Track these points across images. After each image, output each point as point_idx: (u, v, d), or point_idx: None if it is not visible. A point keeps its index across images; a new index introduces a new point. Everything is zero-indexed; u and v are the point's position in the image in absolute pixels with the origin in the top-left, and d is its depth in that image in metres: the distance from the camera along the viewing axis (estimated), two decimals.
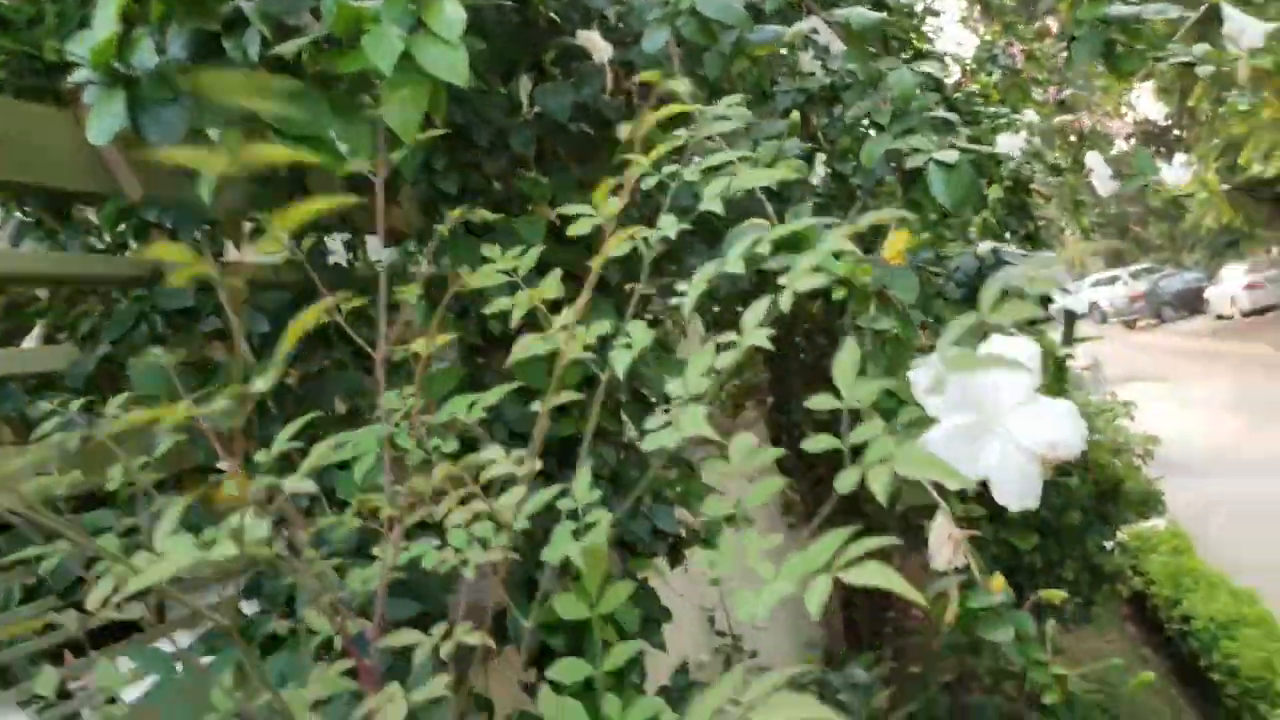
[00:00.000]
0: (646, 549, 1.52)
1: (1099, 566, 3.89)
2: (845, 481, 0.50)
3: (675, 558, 1.66)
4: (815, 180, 1.51)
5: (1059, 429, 0.73)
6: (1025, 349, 0.75)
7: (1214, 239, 27.19)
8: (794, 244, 0.84)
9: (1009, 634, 0.82)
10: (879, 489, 0.48)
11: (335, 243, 1.60)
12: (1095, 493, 3.93)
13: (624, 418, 1.55)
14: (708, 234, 1.31)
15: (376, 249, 1.60)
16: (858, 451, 0.54)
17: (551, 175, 1.39)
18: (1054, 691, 0.85)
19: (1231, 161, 20.27)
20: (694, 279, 0.66)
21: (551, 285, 0.74)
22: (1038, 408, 0.74)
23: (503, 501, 0.67)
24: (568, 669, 0.71)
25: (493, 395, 0.77)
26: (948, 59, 3.74)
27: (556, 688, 0.71)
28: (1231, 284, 22.68)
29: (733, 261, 0.65)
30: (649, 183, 0.72)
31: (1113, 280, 28.50)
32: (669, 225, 0.70)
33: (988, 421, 0.73)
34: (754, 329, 0.59)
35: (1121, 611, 5.65)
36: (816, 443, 0.54)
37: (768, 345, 0.59)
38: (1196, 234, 27.62)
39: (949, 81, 3.47)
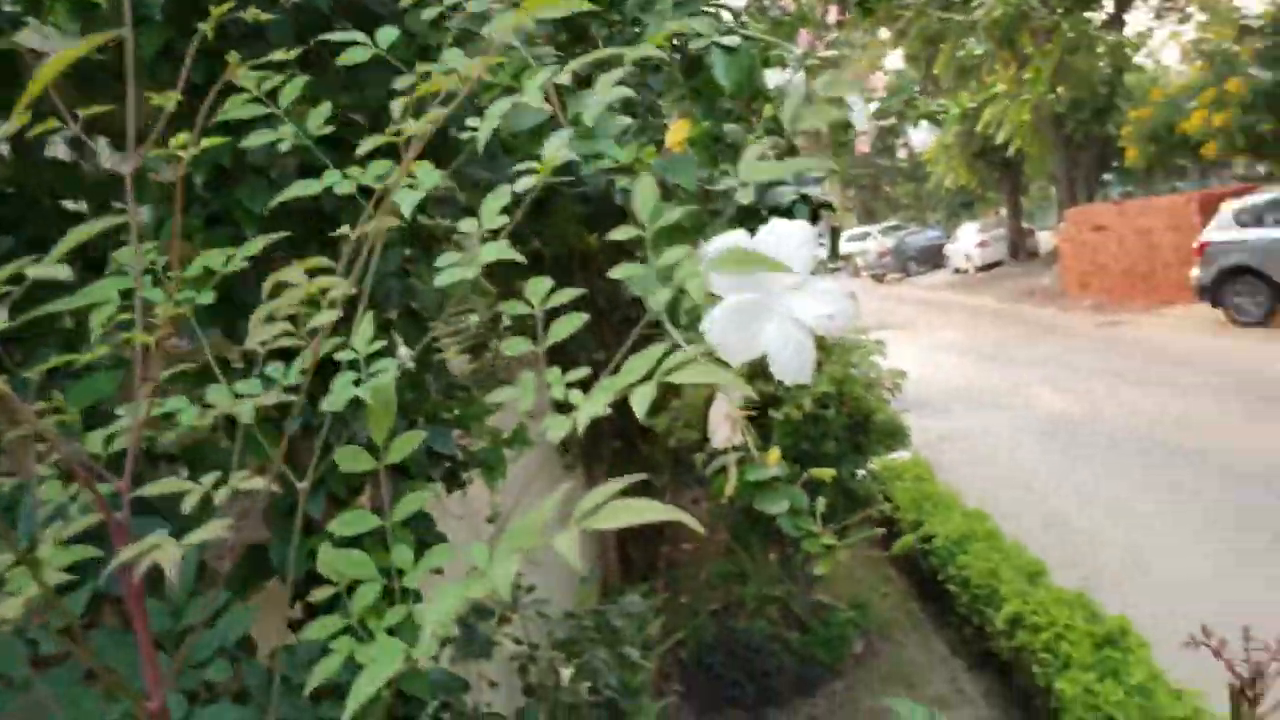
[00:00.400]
0: (422, 472, 1.48)
1: (853, 492, 4.17)
2: (658, 300, 0.50)
3: (453, 482, 1.62)
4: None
5: (832, 304, 0.76)
6: (799, 232, 0.78)
7: (952, 199, 29.61)
8: (586, 134, 0.82)
9: (784, 506, 0.85)
10: (695, 292, 0.49)
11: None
12: (849, 424, 4.20)
13: (396, 336, 1.49)
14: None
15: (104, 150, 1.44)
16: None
17: (314, 73, 1.29)
18: (825, 561, 0.89)
19: (969, 129, 22.10)
20: (486, 114, 0.63)
21: (320, 114, 0.68)
22: (813, 286, 0.77)
23: (277, 368, 0.62)
24: (353, 520, 0.67)
25: (254, 245, 0.70)
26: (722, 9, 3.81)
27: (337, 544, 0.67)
28: (966, 242, 24.79)
29: (531, 93, 0.63)
30: (429, 13, 0.68)
31: (864, 236, 30.45)
32: (454, 57, 0.67)
33: (767, 300, 0.76)
34: (553, 159, 0.57)
35: (870, 537, 6.11)
36: (623, 270, 0.54)
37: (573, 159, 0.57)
38: (938, 194, 29.96)
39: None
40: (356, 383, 0.67)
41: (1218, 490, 6.29)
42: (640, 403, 0.44)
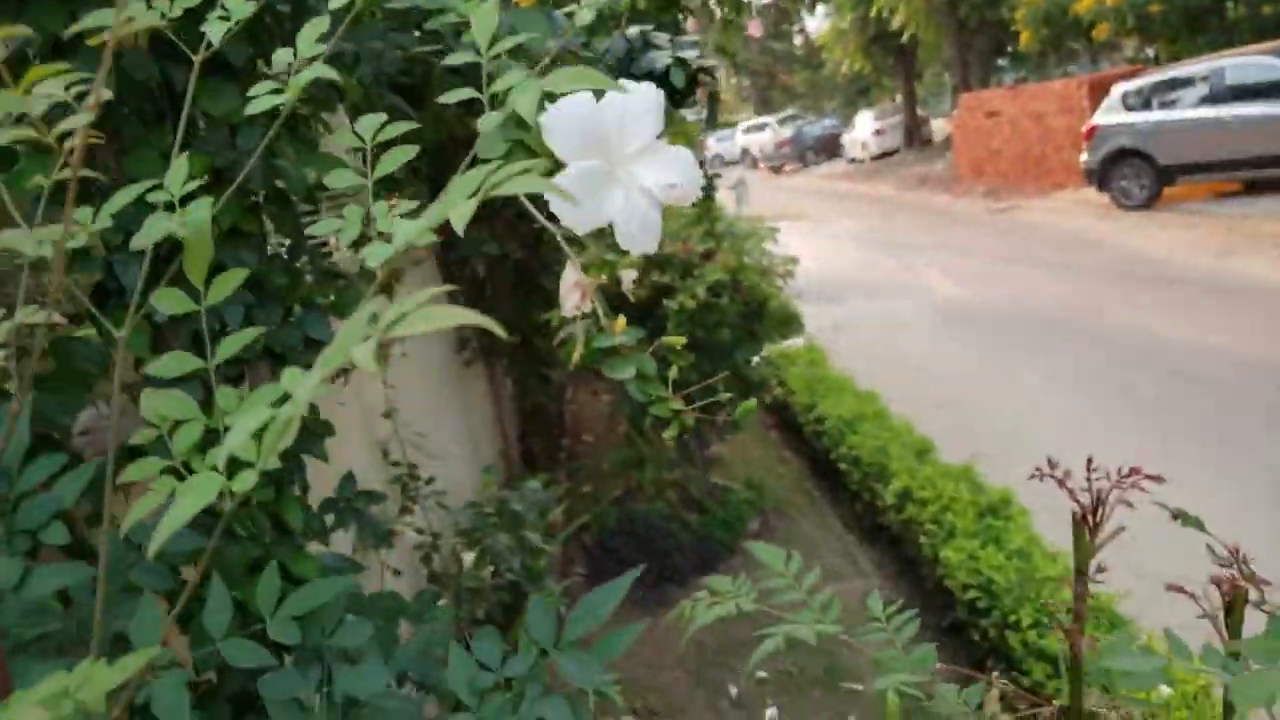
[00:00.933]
0: (299, 359, 1.44)
1: (747, 378, 4.25)
2: (488, 122, 0.48)
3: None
4: None
5: (678, 172, 0.75)
6: (648, 96, 0.75)
7: (849, 88, 29.65)
8: None
9: (630, 372, 0.85)
10: (525, 110, 0.47)
11: None
12: (744, 311, 4.25)
13: (265, 220, 1.43)
14: None
15: None
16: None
17: None
18: (675, 425, 0.89)
19: (865, 14, 22.03)
20: None
21: None
22: (659, 154, 0.75)
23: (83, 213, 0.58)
24: (173, 362, 0.64)
25: (42, 71, 0.64)
26: None
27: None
28: (863, 130, 24.93)
29: None
30: None
31: (762, 127, 30.36)
32: None
33: (612, 167, 0.74)
34: None
35: (767, 422, 6.27)
36: (453, 94, 0.52)
37: None
38: (835, 82, 29.95)
39: None
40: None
41: (1099, 366, 6.62)
42: (459, 220, 0.42)
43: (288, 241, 1.52)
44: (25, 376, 0.56)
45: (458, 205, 0.42)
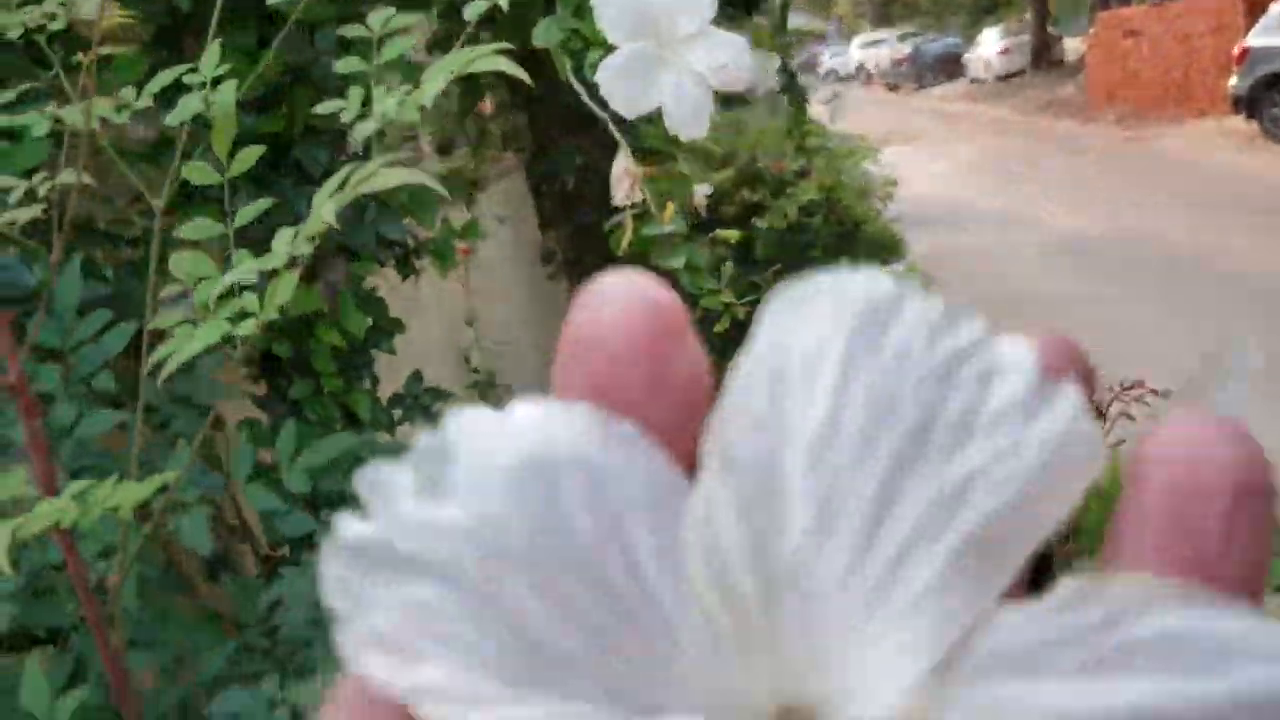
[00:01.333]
0: (371, 254, 1.50)
1: None
2: (473, 10, 0.50)
3: (406, 268, 1.65)
4: None
5: (728, 54, 0.75)
6: None
7: (974, 4, 28.28)
8: None
9: (680, 261, 0.86)
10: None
11: None
12: (838, 234, 4.19)
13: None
14: None
15: None
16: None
17: None
18: (723, 318, 0.90)
19: None
20: None
21: None
22: (710, 37, 0.76)
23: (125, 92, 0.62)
24: (198, 228, 0.68)
25: None
26: None
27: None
28: (987, 49, 23.78)
29: None
30: None
31: (879, 43, 29.26)
32: None
33: (663, 50, 0.75)
34: None
35: None
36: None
37: None
38: None
39: None
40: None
41: (1222, 311, 6.28)
42: (428, 97, 0.45)
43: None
44: (63, 231, 0.62)
45: (435, 80, 0.44)
